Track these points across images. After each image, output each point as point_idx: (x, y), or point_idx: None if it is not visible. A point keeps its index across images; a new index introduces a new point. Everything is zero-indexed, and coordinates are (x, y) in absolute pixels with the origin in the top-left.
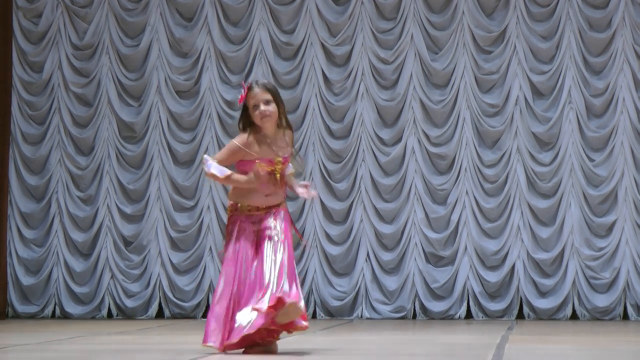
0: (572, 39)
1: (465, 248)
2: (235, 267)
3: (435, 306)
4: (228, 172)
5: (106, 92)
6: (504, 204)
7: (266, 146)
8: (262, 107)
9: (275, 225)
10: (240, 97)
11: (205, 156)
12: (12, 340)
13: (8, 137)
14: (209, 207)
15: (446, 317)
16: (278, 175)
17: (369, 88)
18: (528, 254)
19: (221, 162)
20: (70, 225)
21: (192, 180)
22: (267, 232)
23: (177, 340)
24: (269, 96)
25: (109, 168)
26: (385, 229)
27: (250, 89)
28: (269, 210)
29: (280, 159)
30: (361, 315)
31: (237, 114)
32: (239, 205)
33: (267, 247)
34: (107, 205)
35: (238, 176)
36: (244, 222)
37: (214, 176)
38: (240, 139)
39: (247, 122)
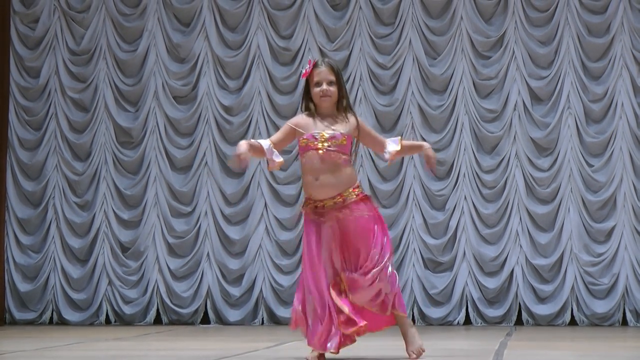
0: (571, 44)
1: (464, 254)
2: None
3: (434, 312)
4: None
5: (103, 97)
6: (502, 209)
7: (319, 124)
8: (325, 86)
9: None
10: (304, 71)
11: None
12: (9, 347)
13: (5, 143)
14: (206, 212)
15: (445, 323)
16: (322, 152)
17: (367, 93)
18: (527, 259)
19: (275, 142)
20: (67, 231)
21: (189, 186)
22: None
23: (175, 346)
24: (333, 77)
25: (106, 174)
26: None
27: (316, 65)
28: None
29: (326, 135)
30: None
31: (234, 120)
32: (305, 199)
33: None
34: (104, 211)
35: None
36: (310, 216)
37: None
38: (292, 119)
39: (307, 98)
